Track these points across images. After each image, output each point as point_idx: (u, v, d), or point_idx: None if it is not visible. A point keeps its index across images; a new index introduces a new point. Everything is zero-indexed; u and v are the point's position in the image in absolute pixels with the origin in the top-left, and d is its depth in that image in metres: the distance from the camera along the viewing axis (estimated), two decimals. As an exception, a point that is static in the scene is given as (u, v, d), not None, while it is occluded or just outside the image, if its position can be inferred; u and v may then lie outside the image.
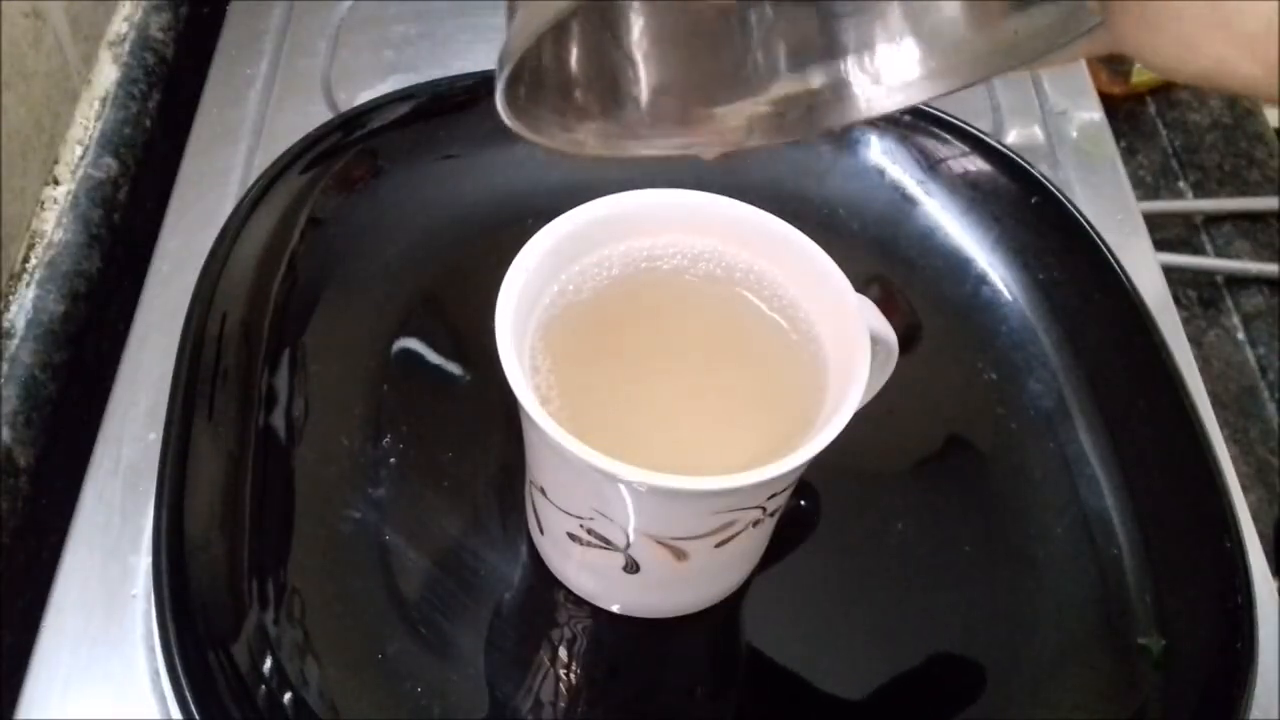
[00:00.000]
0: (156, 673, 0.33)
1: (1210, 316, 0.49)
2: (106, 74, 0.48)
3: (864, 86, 0.27)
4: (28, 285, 0.42)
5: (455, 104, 0.46)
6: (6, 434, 0.38)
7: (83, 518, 0.36)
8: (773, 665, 0.35)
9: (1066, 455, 0.39)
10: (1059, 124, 0.49)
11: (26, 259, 0.42)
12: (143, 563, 0.35)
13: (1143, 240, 0.46)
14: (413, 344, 0.41)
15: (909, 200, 0.45)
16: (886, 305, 0.32)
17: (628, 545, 0.31)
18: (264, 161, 0.44)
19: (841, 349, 0.31)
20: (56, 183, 0.44)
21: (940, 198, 0.45)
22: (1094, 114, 0.50)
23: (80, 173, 0.45)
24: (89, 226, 0.45)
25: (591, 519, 0.31)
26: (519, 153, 0.45)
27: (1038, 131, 0.49)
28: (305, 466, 0.37)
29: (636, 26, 0.27)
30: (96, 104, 0.47)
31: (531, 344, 0.31)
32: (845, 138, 0.46)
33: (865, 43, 0.27)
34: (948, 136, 0.46)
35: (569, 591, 0.35)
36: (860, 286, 0.32)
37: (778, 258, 0.33)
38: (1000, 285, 0.43)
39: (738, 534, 0.31)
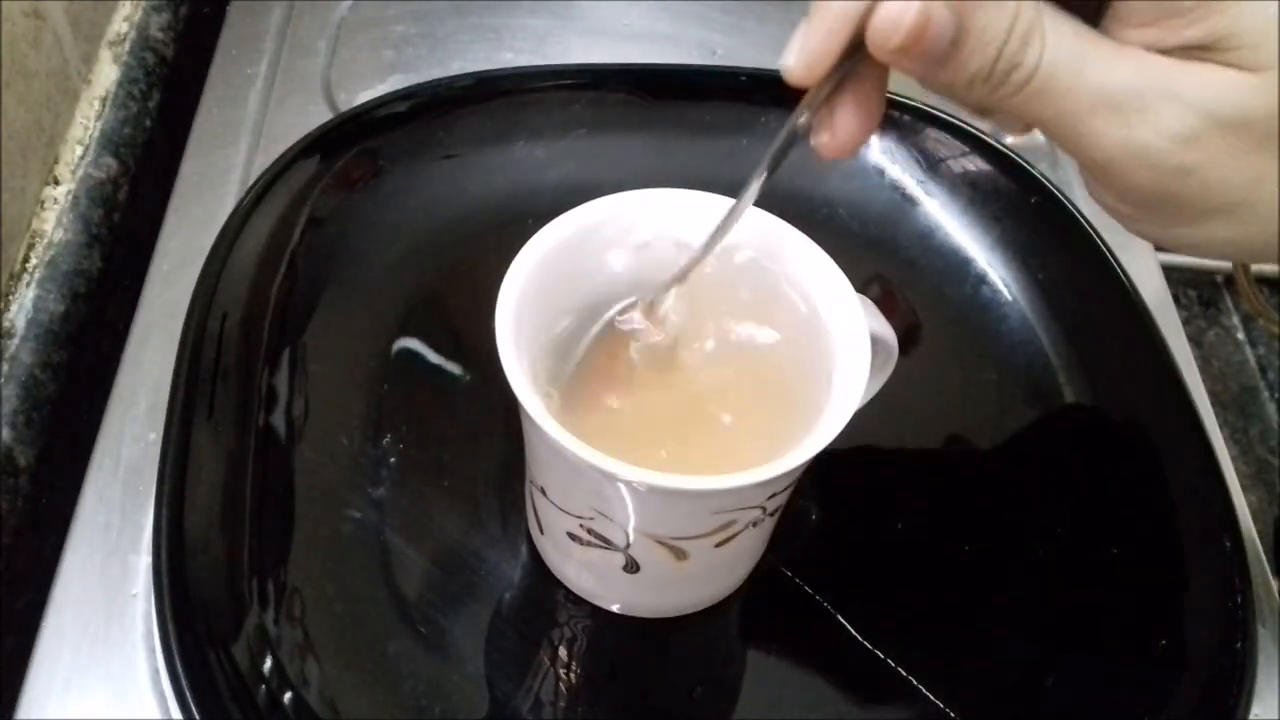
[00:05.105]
0: (156, 672, 0.33)
1: (1210, 316, 0.49)
2: (107, 74, 0.48)
3: None
4: (28, 285, 0.41)
5: (455, 104, 0.46)
6: (6, 433, 0.38)
7: (83, 517, 0.36)
8: (772, 665, 0.35)
9: (1066, 455, 0.39)
10: (1059, 123, 0.49)
11: (27, 259, 0.42)
12: (143, 562, 0.35)
13: (1143, 240, 0.46)
14: (413, 344, 0.41)
15: (909, 200, 0.45)
16: (886, 305, 0.32)
17: (628, 545, 0.31)
18: (264, 161, 0.44)
19: (841, 349, 0.31)
20: (57, 182, 0.44)
21: (940, 197, 0.45)
22: (1094, 113, 0.50)
23: (80, 172, 0.45)
24: (89, 226, 0.44)
25: (591, 519, 0.31)
26: (518, 153, 0.45)
27: (1037, 131, 0.49)
28: (305, 466, 0.37)
29: None
30: (97, 104, 0.47)
31: (531, 343, 0.31)
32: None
33: None
34: (947, 136, 0.46)
35: (569, 591, 0.35)
36: (860, 286, 0.31)
37: (777, 257, 0.33)
38: (1000, 285, 0.43)
39: (738, 534, 0.31)
